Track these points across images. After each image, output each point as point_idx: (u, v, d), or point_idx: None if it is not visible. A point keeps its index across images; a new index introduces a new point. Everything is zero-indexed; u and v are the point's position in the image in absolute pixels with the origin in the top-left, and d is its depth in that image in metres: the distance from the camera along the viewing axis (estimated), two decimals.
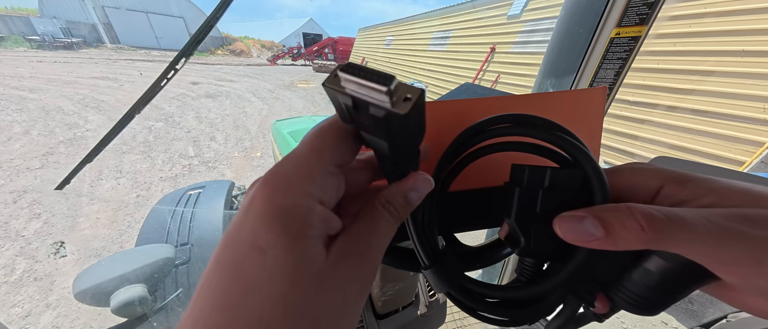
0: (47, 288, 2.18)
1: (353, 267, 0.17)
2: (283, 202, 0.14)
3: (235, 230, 0.15)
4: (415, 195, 0.21)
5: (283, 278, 0.14)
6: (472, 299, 0.24)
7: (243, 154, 4.84)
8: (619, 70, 0.74)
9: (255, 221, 0.14)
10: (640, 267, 0.19)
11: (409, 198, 0.20)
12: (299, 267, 0.14)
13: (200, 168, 4.24)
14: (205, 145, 5.05)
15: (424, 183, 0.21)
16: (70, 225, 2.86)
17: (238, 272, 0.14)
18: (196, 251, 1.34)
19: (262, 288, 0.13)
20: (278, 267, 0.14)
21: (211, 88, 10.03)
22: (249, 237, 0.14)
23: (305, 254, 0.14)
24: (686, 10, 3.09)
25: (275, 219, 0.14)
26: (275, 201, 0.14)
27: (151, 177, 3.90)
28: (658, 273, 0.18)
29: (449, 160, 0.25)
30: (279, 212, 0.14)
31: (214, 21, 0.83)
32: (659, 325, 2.21)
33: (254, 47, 33.84)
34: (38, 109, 6.27)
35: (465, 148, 0.25)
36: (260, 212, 0.14)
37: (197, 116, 6.62)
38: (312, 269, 0.14)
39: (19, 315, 1.98)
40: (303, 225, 0.14)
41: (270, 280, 0.13)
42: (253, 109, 7.64)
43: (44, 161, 4.11)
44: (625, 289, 0.20)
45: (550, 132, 0.21)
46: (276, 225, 0.14)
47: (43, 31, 24.29)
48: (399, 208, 0.20)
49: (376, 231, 0.19)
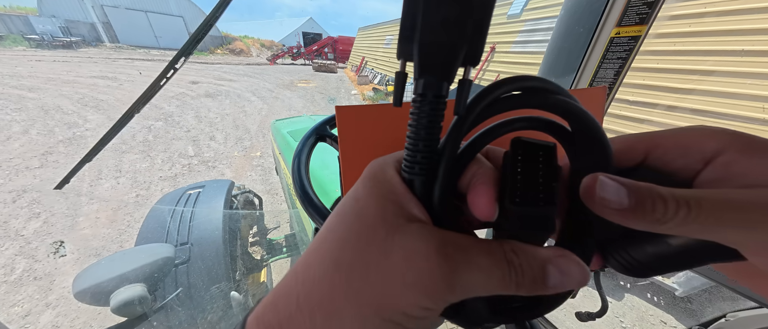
0: (47, 287, 2.18)
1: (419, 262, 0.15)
2: (376, 171, 0.18)
3: (349, 190, 0.19)
4: (557, 278, 0.15)
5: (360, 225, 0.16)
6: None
7: (243, 153, 4.84)
8: (619, 70, 0.74)
9: (358, 181, 0.19)
10: (656, 237, 0.17)
11: (548, 277, 0.15)
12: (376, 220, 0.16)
13: (200, 168, 4.23)
14: (204, 145, 5.05)
15: (577, 269, 0.15)
16: (70, 224, 2.86)
17: (340, 211, 0.18)
18: (195, 250, 1.34)
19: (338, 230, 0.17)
20: (362, 213, 0.17)
21: (211, 87, 10.02)
22: (352, 190, 0.18)
23: (385, 214, 0.16)
24: (686, 10, 3.08)
25: (370, 179, 0.18)
26: (371, 170, 0.19)
27: (150, 176, 3.89)
28: (675, 247, 0.16)
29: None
30: (371, 176, 0.18)
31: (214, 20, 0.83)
32: (658, 325, 2.21)
33: (254, 46, 33.80)
34: (37, 109, 6.26)
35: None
36: (362, 176, 0.19)
37: (197, 115, 6.62)
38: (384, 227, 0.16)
39: (19, 315, 1.98)
40: (389, 191, 0.17)
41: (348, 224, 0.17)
42: (252, 109, 7.63)
43: (43, 160, 4.10)
44: (628, 255, 0.18)
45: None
46: (369, 184, 0.18)
47: (42, 30, 24.23)
48: (529, 277, 0.15)
49: (469, 267, 0.15)
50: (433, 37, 0.14)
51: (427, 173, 0.17)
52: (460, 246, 0.15)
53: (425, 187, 0.17)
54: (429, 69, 0.15)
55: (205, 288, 1.24)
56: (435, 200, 0.17)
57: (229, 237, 1.48)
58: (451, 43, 0.14)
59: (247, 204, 2.21)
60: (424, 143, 0.16)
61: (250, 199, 2.26)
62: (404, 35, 0.14)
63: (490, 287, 0.15)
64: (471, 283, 0.15)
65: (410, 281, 0.14)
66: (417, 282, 0.14)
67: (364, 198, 0.17)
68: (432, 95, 0.15)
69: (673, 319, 2.23)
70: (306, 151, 0.57)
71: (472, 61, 0.15)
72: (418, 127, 0.16)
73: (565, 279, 0.15)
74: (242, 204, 2.13)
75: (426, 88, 0.15)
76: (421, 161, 0.17)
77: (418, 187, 0.17)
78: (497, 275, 0.15)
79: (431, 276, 0.14)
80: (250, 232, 2.03)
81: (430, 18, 0.13)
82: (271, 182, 3.93)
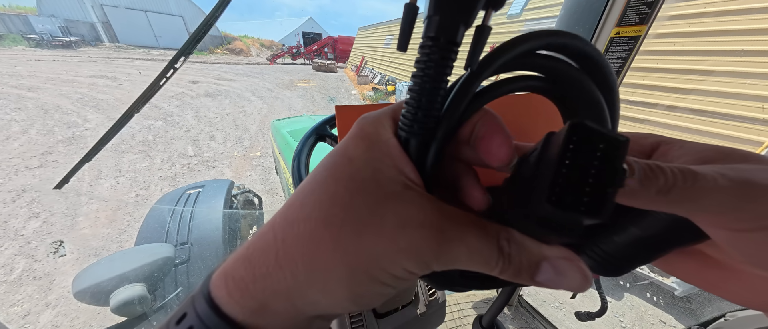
0: (46, 287, 2.17)
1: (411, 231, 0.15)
2: (370, 130, 0.17)
3: (336, 147, 0.18)
4: (549, 275, 0.15)
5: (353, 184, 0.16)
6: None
7: (242, 153, 4.83)
8: (619, 70, 0.74)
9: (349, 138, 0.18)
10: (622, 226, 0.16)
11: (540, 272, 0.15)
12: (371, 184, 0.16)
13: (199, 168, 4.23)
14: (204, 144, 5.05)
15: (578, 274, 0.15)
16: (69, 224, 2.85)
17: (329, 170, 0.17)
18: (195, 250, 1.34)
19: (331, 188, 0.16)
20: (356, 175, 0.16)
21: (211, 87, 10.02)
22: (342, 148, 0.17)
23: (380, 178, 0.16)
24: (686, 10, 3.09)
25: (363, 139, 0.17)
26: (364, 128, 0.18)
27: (150, 176, 3.89)
28: (642, 234, 0.16)
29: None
30: (365, 135, 0.17)
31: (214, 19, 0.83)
32: (658, 324, 2.22)
33: (253, 46, 33.77)
34: (37, 108, 6.25)
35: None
36: (353, 134, 0.18)
37: (196, 115, 6.61)
38: (378, 191, 0.16)
39: (19, 314, 1.98)
40: (385, 154, 0.17)
41: (341, 184, 0.16)
42: (252, 108, 7.63)
43: (43, 160, 4.10)
44: (598, 249, 0.18)
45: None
46: (362, 145, 0.17)
47: (42, 30, 24.20)
48: (515, 267, 0.15)
49: (459, 242, 0.15)
50: None
51: (426, 133, 0.16)
52: (456, 220, 0.15)
53: (420, 148, 0.16)
54: (446, 5, 0.12)
55: None
56: (428, 164, 0.17)
57: (228, 236, 1.48)
58: None
59: (246, 204, 2.21)
60: (427, 98, 0.15)
61: (250, 199, 2.26)
62: None
63: (473, 265, 0.15)
64: (458, 258, 0.15)
65: (403, 247, 0.15)
66: (408, 248, 0.15)
67: (358, 160, 0.17)
68: (445, 40, 0.13)
69: (672, 319, 2.24)
70: (306, 150, 0.57)
71: (494, 2, 0.12)
72: (423, 79, 0.14)
73: (559, 279, 0.15)
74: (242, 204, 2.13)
75: (439, 30, 0.13)
76: (421, 119, 0.15)
77: (413, 147, 0.16)
78: (484, 257, 0.15)
79: (423, 244, 0.15)
80: (250, 232, 2.03)
81: None
82: (271, 182, 3.92)
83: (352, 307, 0.17)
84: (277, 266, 0.16)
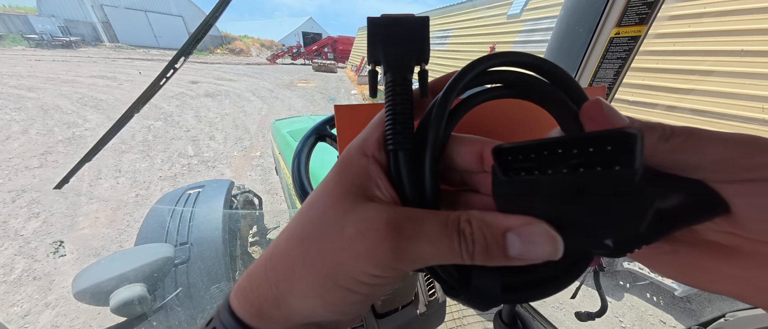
0: (46, 287, 2.17)
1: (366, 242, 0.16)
2: (345, 156, 0.20)
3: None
4: (519, 247, 0.15)
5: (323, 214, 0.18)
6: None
7: (242, 153, 4.83)
8: (619, 70, 0.74)
9: (332, 168, 0.20)
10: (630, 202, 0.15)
11: (508, 245, 0.15)
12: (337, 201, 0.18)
13: (199, 168, 4.23)
14: (204, 145, 5.05)
15: (545, 239, 0.14)
16: (69, 224, 2.85)
17: (311, 198, 0.20)
18: (195, 250, 1.33)
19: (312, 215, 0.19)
20: (327, 195, 0.19)
21: (211, 87, 10.01)
22: (325, 178, 0.20)
23: (346, 195, 0.18)
24: (686, 10, 3.09)
25: (338, 163, 0.20)
26: (342, 156, 0.20)
27: (150, 176, 3.89)
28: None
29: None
30: (341, 161, 0.20)
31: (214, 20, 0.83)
32: (658, 324, 2.22)
33: (253, 46, 33.77)
34: (37, 108, 6.25)
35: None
36: (336, 163, 0.20)
37: (196, 115, 6.61)
38: (342, 207, 0.17)
39: (19, 314, 1.98)
40: (354, 174, 0.19)
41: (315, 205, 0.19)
42: (252, 108, 7.63)
43: (43, 160, 4.10)
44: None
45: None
46: (335, 168, 0.19)
47: (42, 30, 24.18)
48: (480, 246, 0.15)
49: (418, 238, 0.15)
50: (391, 48, 0.19)
51: (408, 144, 0.19)
52: (413, 218, 0.16)
53: (410, 156, 0.19)
54: (392, 68, 0.19)
55: (204, 288, 1.24)
56: (427, 165, 0.19)
57: (228, 237, 1.47)
58: (402, 50, 0.19)
59: (246, 204, 2.21)
60: (400, 117, 0.19)
61: (250, 199, 2.25)
62: (372, 45, 0.19)
63: (440, 257, 0.16)
64: (421, 254, 0.16)
65: (361, 252, 0.16)
66: (366, 252, 0.16)
67: (331, 182, 0.19)
68: (399, 82, 0.19)
69: (672, 319, 2.24)
70: (306, 150, 0.57)
71: (420, 60, 0.19)
72: (393, 105, 0.19)
73: (530, 249, 0.14)
74: (242, 204, 2.12)
75: (393, 80, 0.19)
76: (401, 132, 0.19)
77: (402, 158, 0.19)
78: (446, 244, 0.15)
79: (380, 246, 0.16)
80: (250, 232, 2.03)
81: (388, 34, 0.19)
82: (271, 182, 3.92)
83: (329, 315, 0.18)
84: (265, 278, 0.19)
